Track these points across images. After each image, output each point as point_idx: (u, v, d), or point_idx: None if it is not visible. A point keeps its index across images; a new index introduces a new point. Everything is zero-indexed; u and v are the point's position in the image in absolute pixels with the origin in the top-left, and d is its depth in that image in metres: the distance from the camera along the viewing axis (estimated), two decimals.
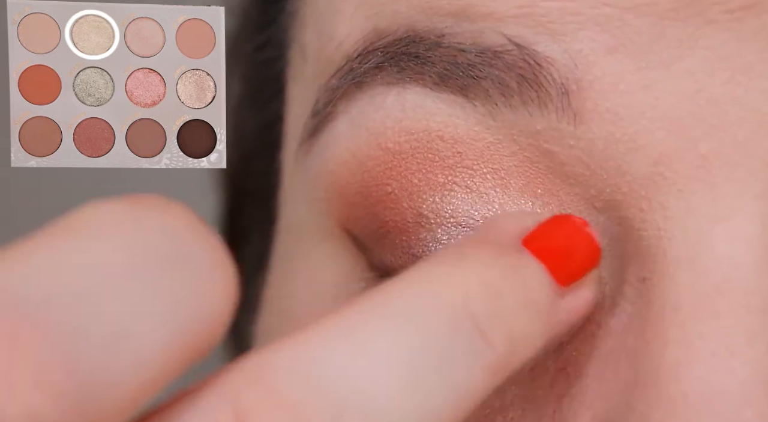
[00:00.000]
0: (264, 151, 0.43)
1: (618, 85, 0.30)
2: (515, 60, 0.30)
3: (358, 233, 0.35)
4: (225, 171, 0.48)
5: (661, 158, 0.29)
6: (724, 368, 0.28)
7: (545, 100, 0.30)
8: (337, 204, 0.34)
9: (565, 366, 0.31)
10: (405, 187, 0.33)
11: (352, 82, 0.33)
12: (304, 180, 0.36)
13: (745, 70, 0.29)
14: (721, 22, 0.29)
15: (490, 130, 0.31)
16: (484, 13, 0.31)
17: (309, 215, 0.36)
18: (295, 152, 0.37)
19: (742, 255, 0.29)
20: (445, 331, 0.26)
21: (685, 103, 0.29)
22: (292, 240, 0.38)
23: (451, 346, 0.25)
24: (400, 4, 0.32)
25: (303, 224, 0.37)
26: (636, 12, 0.29)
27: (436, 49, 0.31)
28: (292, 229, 0.38)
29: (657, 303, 0.29)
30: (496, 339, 0.26)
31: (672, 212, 0.29)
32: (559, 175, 0.31)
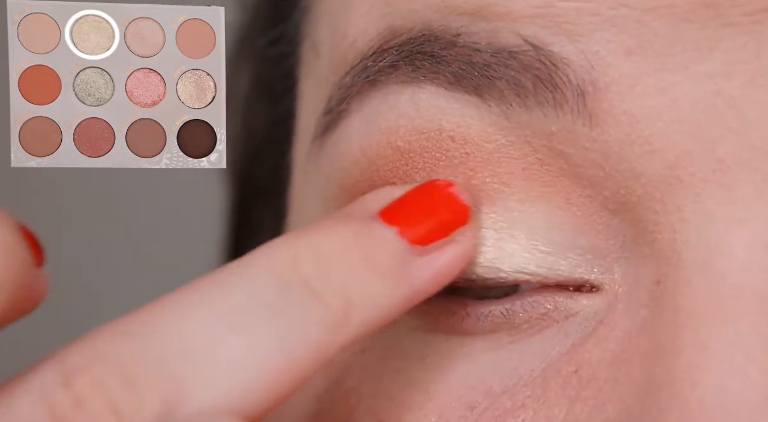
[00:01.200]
0: (275, 147, 0.43)
1: (635, 87, 0.29)
2: (531, 60, 0.30)
3: None
4: (234, 167, 0.48)
5: (678, 161, 0.29)
6: (741, 374, 0.28)
7: (561, 101, 0.30)
8: (347, 202, 0.34)
9: (577, 368, 0.31)
10: (408, 182, 0.32)
11: (366, 80, 0.33)
12: (316, 177, 0.36)
13: (764, 73, 0.29)
14: (740, 25, 0.29)
15: (504, 131, 0.31)
16: (500, 13, 0.31)
17: (320, 212, 0.36)
18: (307, 148, 0.37)
19: (760, 259, 0.29)
20: (273, 287, 0.28)
21: (703, 106, 0.29)
22: None
23: (279, 301, 0.28)
24: (415, 3, 0.32)
25: (313, 221, 0.37)
26: (654, 14, 0.29)
27: (452, 49, 0.31)
28: (302, 225, 0.38)
29: (672, 307, 0.29)
30: (328, 297, 0.28)
31: (688, 216, 0.29)
32: (572, 177, 0.31)
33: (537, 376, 0.31)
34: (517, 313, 0.32)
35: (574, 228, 0.31)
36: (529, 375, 0.31)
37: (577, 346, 0.31)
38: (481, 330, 0.32)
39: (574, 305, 0.31)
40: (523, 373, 0.31)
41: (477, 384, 0.32)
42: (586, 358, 0.31)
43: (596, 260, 0.31)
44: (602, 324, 0.31)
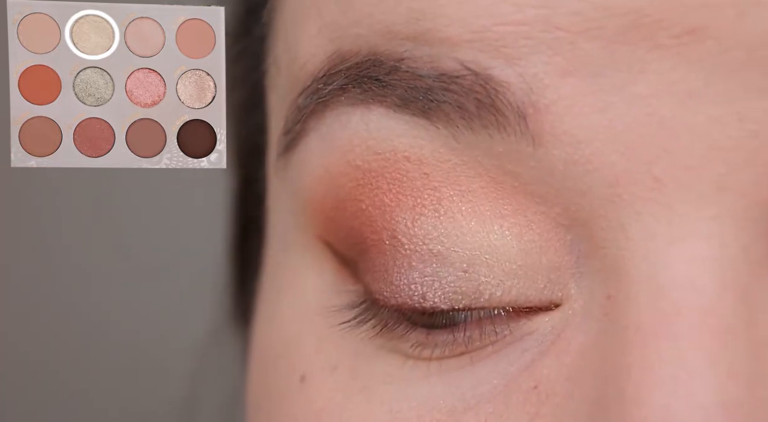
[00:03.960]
0: (253, 157, 0.43)
1: (573, 108, 0.30)
2: (472, 84, 0.30)
3: (338, 247, 0.35)
4: (234, 164, 0.48)
5: (617, 179, 0.30)
6: (684, 392, 0.28)
7: (503, 123, 0.30)
8: (315, 219, 0.35)
9: (536, 384, 0.31)
10: (377, 205, 0.33)
11: (318, 101, 0.34)
12: (285, 193, 0.37)
13: (692, 96, 0.29)
14: (667, 47, 0.29)
15: (455, 152, 0.32)
16: (440, 38, 0.31)
17: (291, 227, 0.37)
18: (274, 163, 0.37)
19: (700, 277, 0.29)
20: None
21: (638, 127, 0.29)
22: (278, 248, 0.38)
23: None
24: (361, 27, 0.32)
25: (286, 234, 0.37)
26: (585, 35, 0.29)
27: (396, 73, 0.32)
28: (277, 238, 0.38)
29: (621, 322, 0.30)
30: None
31: (631, 233, 0.30)
32: (525, 194, 0.31)
33: (499, 392, 0.32)
34: (475, 341, 0.32)
35: (538, 248, 0.31)
36: (490, 392, 0.32)
37: (536, 361, 0.31)
38: (440, 356, 0.33)
39: (532, 324, 0.32)
40: (485, 391, 0.32)
41: (439, 404, 0.32)
42: (545, 374, 0.31)
43: (557, 278, 0.31)
44: (559, 338, 0.31)
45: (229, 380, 0.51)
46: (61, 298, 0.91)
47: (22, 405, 0.90)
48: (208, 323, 0.55)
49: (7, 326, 0.90)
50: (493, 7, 0.30)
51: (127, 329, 0.90)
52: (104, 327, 0.91)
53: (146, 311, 0.90)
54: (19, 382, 0.90)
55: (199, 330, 0.57)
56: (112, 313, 0.91)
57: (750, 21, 0.29)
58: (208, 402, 0.58)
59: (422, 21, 0.31)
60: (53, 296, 0.91)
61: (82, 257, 0.90)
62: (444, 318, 0.32)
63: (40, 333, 0.91)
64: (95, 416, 0.90)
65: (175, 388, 0.60)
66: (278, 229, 0.38)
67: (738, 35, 0.29)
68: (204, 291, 0.56)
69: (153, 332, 0.87)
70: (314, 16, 0.34)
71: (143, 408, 0.83)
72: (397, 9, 0.31)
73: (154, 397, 0.77)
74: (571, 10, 0.29)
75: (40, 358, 0.90)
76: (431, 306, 0.32)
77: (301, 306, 0.36)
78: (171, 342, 0.74)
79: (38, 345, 0.90)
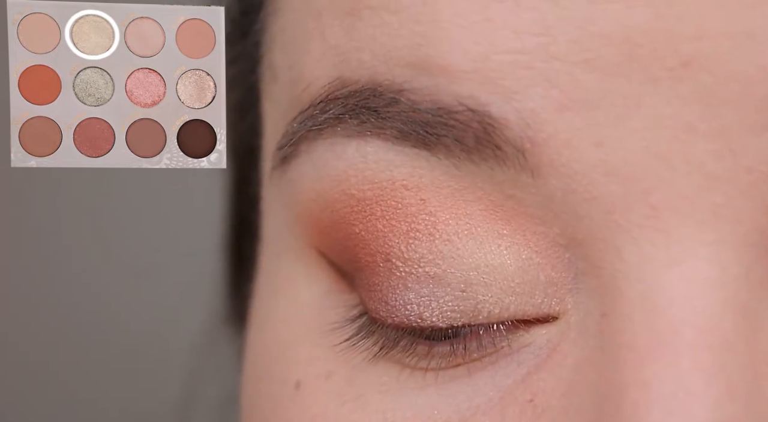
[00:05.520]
0: (247, 159, 0.43)
1: (570, 142, 0.30)
2: (469, 121, 0.31)
3: (333, 259, 0.35)
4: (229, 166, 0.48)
5: (615, 207, 0.30)
6: (682, 411, 0.28)
7: (502, 157, 0.31)
8: (309, 231, 0.35)
9: (532, 397, 0.31)
10: (370, 231, 0.33)
11: (312, 128, 0.34)
12: (279, 201, 0.37)
13: (687, 130, 0.29)
14: (661, 80, 0.29)
15: (455, 178, 0.32)
16: (440, 66, 0.31)
17: (285, 233, 0.37)
18: (269, 172, 0.37)
19: (700, 297, 0.29)
20: None
21: (634, 159, 0.30)
22: (272, 253, 0.38)
23: None
24: (364, 53, 0.32)
25: (280, 240, 0.37)
26: (583, 67, 0.30)
27: (395, 106, 0.32)
28: (272, 242, 0.38)
29: (615, 341, 0.30)
30: None
31: (627, 257, 0.30)
32: (525, 216, 0.32)
33: (495, 405, 0.32)
34: (473, 352, 0.32)
35: (536, 265, 0.32)
36: (486, 404, 0.32)
37: (532, 374, 0.31)
38: (438, 366, 0.33)
39: (528, 337, 0.32)
40: (481, 403, 0.32)
41: (434, 414, 0.32)
42: (541, 387, 0.31)
43: (554, 293, 0.32)
44: (555, 351, 0.31)
45: (225, 380, 0.51)
46: (61, 298, 0.91)
47: (22, 404, 0.90)
48: (207, 323, 0.55)
49: (6, 326, 0.90)
50: (492, 35, 0.30)
51: (127, 329, 0.90)
52: (104, 326, 0.91)
53: (146, 311, 0.90)
54: (18, 381, 0.90)
55: (199, 330, 0.57)
56: (112, 313, 0.91)
57: (744, 54, 0.29)
58: (205, 402, 0.58)
59: (424, 46, 0.31)
60: (53, 296, 0.91)
61: (81, 257, 0.90)
62: (443, 334, 0.32)
63: (39, 333, 0.91)
64: (93, 415, 0.90)
65: (172, 388, 0.60)
66: (273, 233, 0.38)
67: (732, 68, 0.29)
68: (205, 291, 0.56)
69: (153, 332, 0.87)
70: (318, 37, 0.34)
71: (140, 407, 0.83)
72: (399, 31, 0.31)
73: (151, 397, 0.77)
74: (569, 38, 0.29)
75: (39, 357, 0.90)
76: (429, 325, 0.32)
77: (295, 313, 0.36)
78: (171, 341, 0.74)
79: (37, 344, 0.90)
